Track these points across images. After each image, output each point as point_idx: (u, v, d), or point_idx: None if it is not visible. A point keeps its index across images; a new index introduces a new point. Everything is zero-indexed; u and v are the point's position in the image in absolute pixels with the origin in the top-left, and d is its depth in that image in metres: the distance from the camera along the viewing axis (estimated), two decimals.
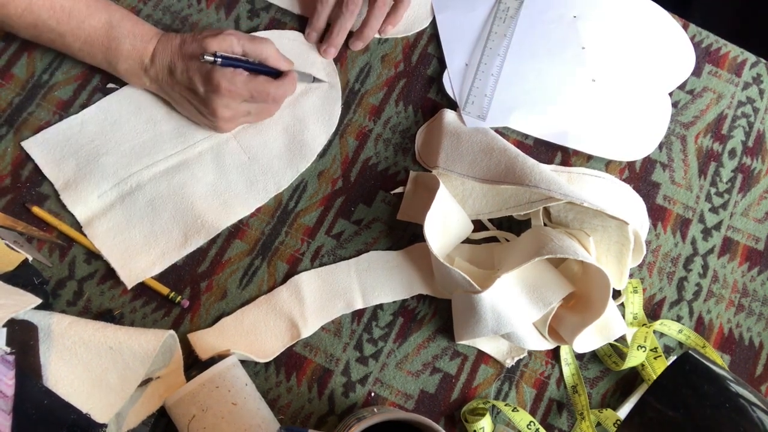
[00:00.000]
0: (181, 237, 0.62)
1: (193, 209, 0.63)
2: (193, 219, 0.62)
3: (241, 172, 0.65)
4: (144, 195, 0.62)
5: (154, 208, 0.62)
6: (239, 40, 0.60)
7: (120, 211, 0.62)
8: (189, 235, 0.62)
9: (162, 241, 0.62)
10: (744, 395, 0.46)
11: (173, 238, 0.62)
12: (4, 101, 0.65)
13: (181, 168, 0.64)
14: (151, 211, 0.62)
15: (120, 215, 0.62)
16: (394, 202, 0.66)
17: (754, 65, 0.74)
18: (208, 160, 0.64)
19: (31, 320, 0.53)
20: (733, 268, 0.67)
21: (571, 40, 0.71)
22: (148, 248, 0.61)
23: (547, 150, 0.69)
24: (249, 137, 0.66)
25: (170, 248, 0.62)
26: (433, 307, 0.63)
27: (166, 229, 0.62)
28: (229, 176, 0.64)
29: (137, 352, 0.54)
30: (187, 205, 0.63)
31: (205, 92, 0.59)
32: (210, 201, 0.63)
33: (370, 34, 0.68)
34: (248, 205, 0.64)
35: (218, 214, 0.63)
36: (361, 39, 0.68)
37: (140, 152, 0.64)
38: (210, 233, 0.63)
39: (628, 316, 0.64)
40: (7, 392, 0.49)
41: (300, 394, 0.60)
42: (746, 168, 0.71)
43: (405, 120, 0.69)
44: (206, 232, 0.62)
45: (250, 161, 0.65)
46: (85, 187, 0.62)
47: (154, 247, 0.62)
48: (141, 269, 0.61)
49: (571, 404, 0.62)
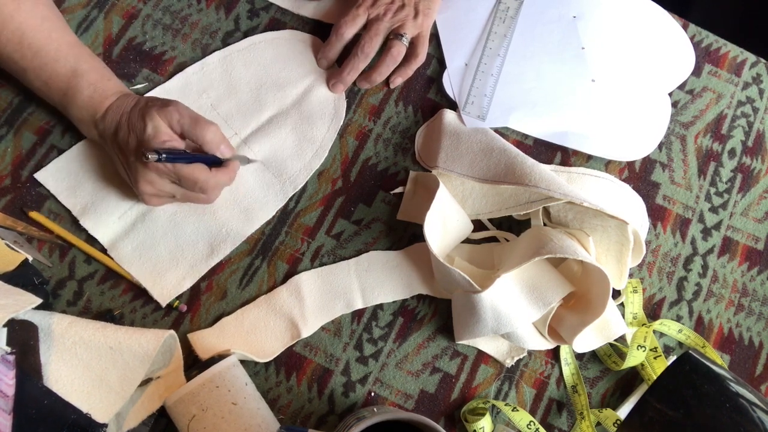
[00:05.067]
0: (207, 248, 0.62)
1: (215, 219, 0.63)
2: (217, 229, 0.63)
3: (256, 177, 0.65)
4: (164, 211, 0.62)
5: (177, 223, 0.62)
6: (181, 118, 0.57)
7: (142, 230, 0.62)
8: (215, 246, 0.62)
9: (189, 255, 0.62)
10: (744, 395, 0.46)
11: (199, 250, 0.62)
12: (4, 101, 0.65)
13: None
14: (174, 226, 0.62)
15: (143, 234, 0.62)
16: (394, 202, 0.66)
17: (753, 65, 0.74)
18: None
19: (32, 320, 0.53)
20: (732, 267, 0.68)
21: (571, 40, 0.71)
22: (175, 263, 0.61)
23: (546, 150, 0.69)
24: (259, 141, 0.66)
25: (198, 260, 0.62)
26: (433, 307, 0.64)
27: (191, 242, 0.62)
28: (246, 182, 0.64)
29: (137, 352, 0.54)
30: (209, 216, 0.63)
31: (134, 162, 0.57)
32: (231, 209, 0.63)
33: (378, 79, 0.68)
34: (268, 208, 0.64)
35: (241, 221, 0.63)
36: (368, 81, 0.68)
37: None
38: (236, 241, 0.63)
39: (628, 315, 0.64)
40: (7, 392, 0.49)
41: (300, 393, 0.60)
42: (746, 168, 0.71)
43: (405, 120, 0.69)
44: (232, 240, 0.63)
45: (264, 165, 0.65)
46: (105, 209, 0.62)
47: (181, 261, 0.61)
48: (172, 285, 0.61)
49: (570, 404, 0.62)
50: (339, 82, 0.68)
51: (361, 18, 0.67)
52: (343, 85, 0.68)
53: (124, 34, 0.68)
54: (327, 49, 0.68)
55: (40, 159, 0.63)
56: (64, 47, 0.59)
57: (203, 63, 0.68)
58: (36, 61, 0.59)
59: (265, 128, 0.66)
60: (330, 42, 0.68)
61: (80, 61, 0.59)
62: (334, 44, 0.67)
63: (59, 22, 0.61)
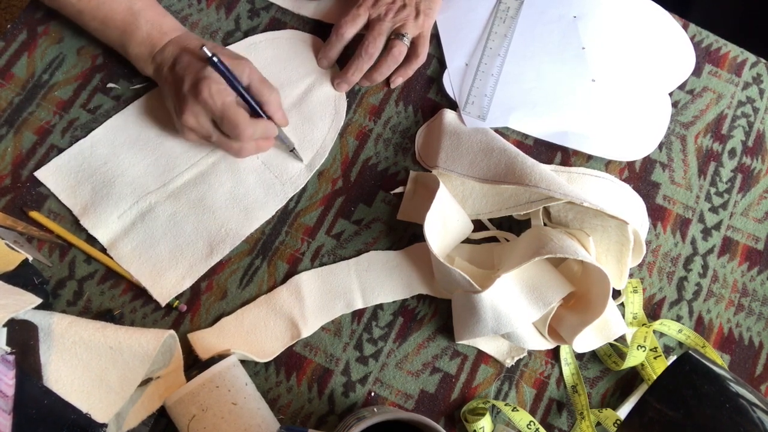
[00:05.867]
0: (206, 248, 0.62)
1: (215, 219, 0.63)
2: (216, 229, 0.63)
3: (257, 177, 0.65)
4: (164, 210, 0.62)
5: (176, 223, 0.62)
6: (251, 73, 0.60)
7: (142, 230, 0.62)
8: (214, 245, 0.62)
9: (188, 254, 0.62)
10: (744, 395, 0.46)
11: (199, 249, 0.62)
12: (5, 101, 0.65)
13: (198, 180, 0.64)
14: (174, 225, 0.62)
15: (143, 233, 0.62)
16: (394, 202, 0.66)
17: (754, 65, 0.74)
18: (223, 168, 0.64)
19: (32, 320, 0.53)
20: (732, 267, 0.67)
21: (572, 40, 0.71)
22: (175, 263, 0.61)
23: (547, 150, 0.69)
24: None
25: (197, 260, 0.62)
26: (433, 307, 0.64)
27: (191, 242, 0.62)
28: (246, 182, 0.64)
29: (137, 351, 0.54)
30: (208, 216, 0.63)
31: (186, 92, 0.58)
32: (230, 209, 0.63)
33: (379, 79, 0.68)
34: (268, 208, 0.64)
35: (240, 221, 0.63)
36: (369, 80, 0.68)
37: (155, 170, 0.63)
38: (235, 241, 0.63)
39: (628, 315, 0.64)
40: (7, 392, 0.49)
41: (300, 393, 0.60)
42: (746, 168, 0.71)
43: (405, 120, 0.69)
44: (231, 240, 0.63)
45: (265, 165, 0.65)
46: (104, 209, 0.62)
47: (181, 261, 0.62)
48: (172, 285, 0.61)
49: (571, 404, 0.62)
50: (343, 82, 0.68)
51: (362, 18, 0.67)
52: (348, 85, 0.68)
53: None
54: (327, 48, 0.68)
55: (41, 159, 0.63)
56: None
57: None
58: (93, 2, 0.60)
59: None
60: (330, 42, 0.68)
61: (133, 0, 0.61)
62: (335, 44, 0.67)
63: None
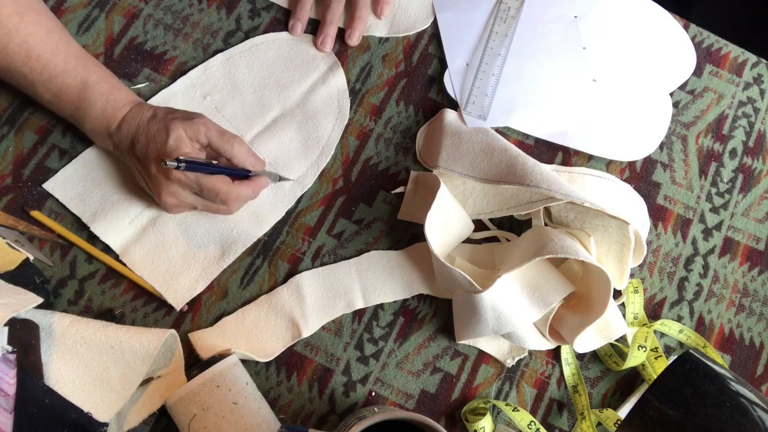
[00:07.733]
0: (218, 250, 0.62)
1: (225, 221, 0.63)
2: (227, 231, 0.63)
3: None
4: (175, 215, 0.62)
5: (187, 226, 0.62)
6: (207, 130, 0.57)
7: (153, 234, 0.62)
8: (226, 247, 0.62)
9: (200, 257, 0.62)
10: (744, 394, 0.46)
11: (211, 252, 0.62)
12: (5, 101, 0.65)
13: None
14: (185, 229, 0.62)
15: (154, 238, 0.62)
16: (394, 201, 0.66)
17: (754, 65, 0.74)
18: None
19: (33, 319, 0.53)
20: (733, 268, 0.67)
21: (572, 40, 0.71)
22: (188, 267, 0.61)
23: (547, 150, 0.69)
24: (265, 142, 0.66)
25: (210, 263, 0.62)
26: (433, 307, 0.64)
27: (203, 245, 0.62)
28: None
29: (138, 351, 0.54)
30: (219, 219, 0.63)
31: (155, 173, 0.57)
32: (241, 211, 0.63)
33: (360, 23, 0.69)
34: (277, 209, 0.64)
35: (250, 223, 0.63)
36: (354, 29, 0.69)
37: None
38: (246, 243, 0.63)
39: (629, 316, 0.64)
40: (8, 391, 0.49)
41: (301, 393, 0.60)
42: (747, 168, 0.71)
43: (406, 120, 0.69)
44: (242, 242, 0.63)
45: (271, 166, 0.65)
46: (115, 215, 0.62)
47: (193, 264, 0.62)
48: (186, 289, 0.61)
49: (571, 404, 0.62)
50: (325, 36, 0.69)
51: None
52: (330, 39, 0.69)
53: (126, 33, 0.69)
54: (297, 9, 0.69)
55: (42, 158, 0.63)
56: (72, 59, 0.59)
57: (206, 65, 0.68)
58: (45, 74, 0.58)
59: (271, 129, 0.66)
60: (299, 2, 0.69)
61: (89, 72, 0.59)
62: (303, 2, 0.69)
63: (64, 33, 0.60)
